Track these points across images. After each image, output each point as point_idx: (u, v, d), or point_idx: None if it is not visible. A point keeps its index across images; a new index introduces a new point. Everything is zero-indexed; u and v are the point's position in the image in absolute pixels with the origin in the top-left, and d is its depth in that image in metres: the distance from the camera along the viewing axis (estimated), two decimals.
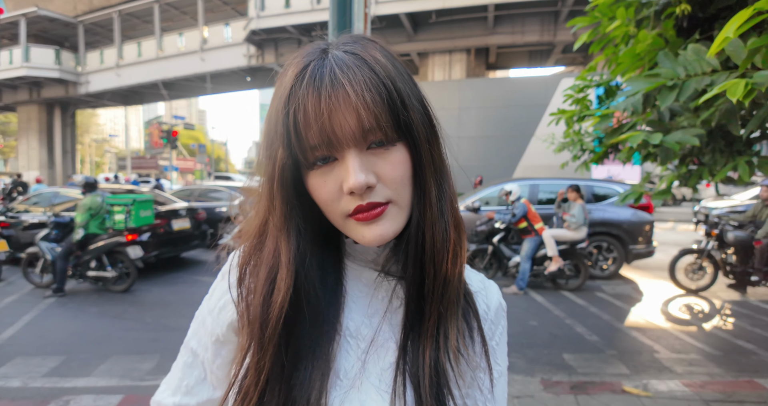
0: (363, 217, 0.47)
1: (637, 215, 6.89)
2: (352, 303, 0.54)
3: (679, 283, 5.88)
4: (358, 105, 0.45)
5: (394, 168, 0.48)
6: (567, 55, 19.87)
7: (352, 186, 0.45)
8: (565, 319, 4.78)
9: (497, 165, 14.28)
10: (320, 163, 0.47)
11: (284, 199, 0.50)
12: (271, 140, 0.49)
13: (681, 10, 1.54)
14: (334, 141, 0.46)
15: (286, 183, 0.49)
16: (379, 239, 0.48)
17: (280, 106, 0.47)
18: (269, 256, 0.51)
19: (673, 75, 1.47)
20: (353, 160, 0.46)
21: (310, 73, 0.46)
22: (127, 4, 22.60)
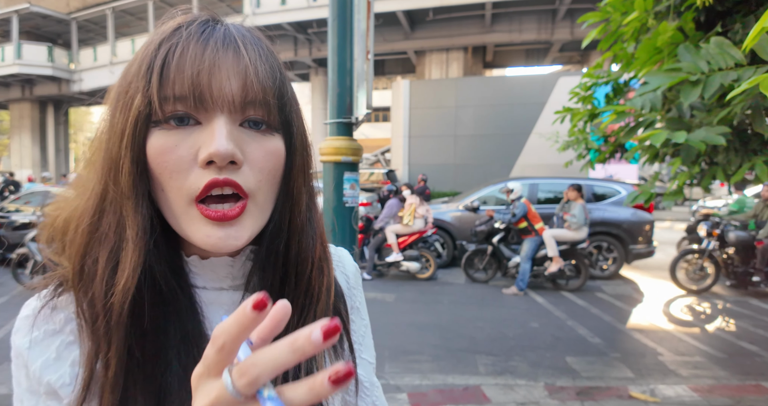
0: (216, 215, 0.39)
1: (637, 214, 6.83)
2: None
3: (680, 283, 5.83)
4: (248, 70, 0.40)
5: (266, 157, 0.42)
6: (564, 54, 19.83)
7: (215, 152, 0.38)
8: (566, 320, 4.71)
9: (495, 164, 14.22)
10: (175, 123, 0.39)
11: (134, 159, 0.39)
12: (128, 86, 0.40)
13: (702, 2, 1.45)
14: (206, 98, 0.39)
15: (139, 137, 0.39)
16: (230, 244, 0.40)
17: (151, 48, 0.40)
18: (110, 234, 0.41)
19: (695, 69, 1.38)
20: (222, 126, 0.39)
21: (200, 25, 0.41)
22: (120, 1, 22.38)
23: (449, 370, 3.49)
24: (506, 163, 14.36)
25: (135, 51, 2.03)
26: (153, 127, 0.40)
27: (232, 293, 0.47)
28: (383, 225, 6.62)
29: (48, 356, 0.41)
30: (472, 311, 5.02)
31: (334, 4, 2.06)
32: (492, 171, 13.37)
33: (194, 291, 0.45)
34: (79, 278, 0.41)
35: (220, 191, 0.40)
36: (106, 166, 0.41)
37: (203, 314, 0.44)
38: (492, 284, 6.24)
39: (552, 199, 7.30)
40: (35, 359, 0.41)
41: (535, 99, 14.27)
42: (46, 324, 0.42)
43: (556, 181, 7.46)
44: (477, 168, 14.11)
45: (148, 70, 0.39)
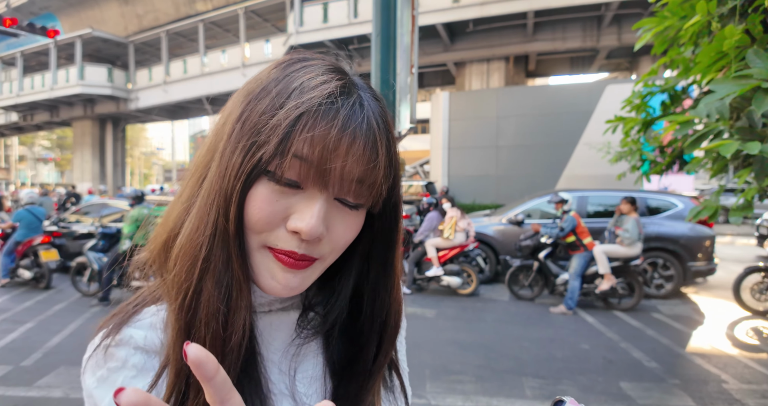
0: (288, 262, 0.43)
1: (695, 229, 6.38)
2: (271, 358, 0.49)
3: (745, 304, 5.38)
4: (378, 164, 0.43)
5: (346, 231, 0.45)
6: (611, 61, 19.16)
7: (306, 230, 0.41)
8: (619, 342, 4.43)
9: (539, 175, 13.80)
10: (279, 178, 0.41)
11: (241, 201, 0.42)
12: (254, 133, 0.41)
13: None
14: (326, 174, 0.41)
15: (250, 183, 0.42)
16: (290, 290, 0.44)
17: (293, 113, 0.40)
18: (218, 266, 0.42)
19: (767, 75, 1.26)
20: (321, 205, 0.42)
21: (345, 105, 0.42)
22: (174, 24, 23.76)
23: (494, 392, 3.35)
24: (551, 174, 13.91)
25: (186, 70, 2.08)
26: (266, 177, 0.42)
27: (281, 313, 0.51)
28: (423, 238, 6.53)
29: None
30: (518, 330, 4.83)
31: (378, 20, 2.05)
32: (536, 183, 12.99)
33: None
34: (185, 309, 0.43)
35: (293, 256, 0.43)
36: (218, 197, 0.42)
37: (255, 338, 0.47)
38: (538, 302, 5.99)
39: (602, 213, 6.96)
40: (103, 397, 0.43)
41: (581, 108, 13.80)
42: (109, 362, 0.44)
43: (607, 193, 7.12)
44: (520, 179, 13.75)
45: (284, 137, 0.40)
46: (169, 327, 0.43)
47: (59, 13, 25.84)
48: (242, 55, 21.55)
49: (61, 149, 47.36)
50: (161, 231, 0.47)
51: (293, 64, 0.45)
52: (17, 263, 6.67)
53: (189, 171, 0.48)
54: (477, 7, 15.11)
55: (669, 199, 6.80)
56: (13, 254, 6.69)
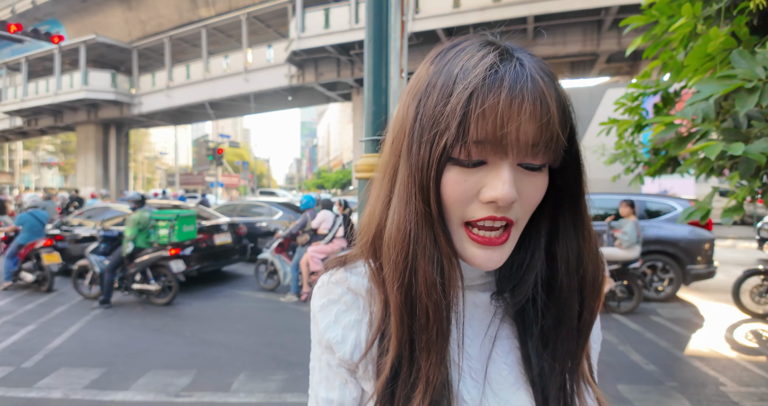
0: (482, 240, 0.46)
1: (695, 232, 6.38)
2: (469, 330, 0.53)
3: (744, 307, 5.37)
4: (551, 119, 0.43)
5: (536, 191, 0.47)
6: (612, 65, 19.20)
7: (500, 196, 0.43)
8: (618, 345, 4.43)
9: None
10: (465, 163, 0.45)
11: (437, 188, 0.46)
12: (433, 125, 0.45)
13: (756, 5, 1.36)
14: (503, 145, 0.43)
15: (440, 171, 0.46)
16: (492, 264, 0.47)
17: (465, 95, 0.43)
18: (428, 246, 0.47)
19: (751, 76, 1.29)
20: (508, 171, 0.44)
21: (507, 69, 0.44)
22: (177, 30, 23.95)
23: None
24: None
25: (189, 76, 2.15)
26: (451, 162, 0.45)
27: (483, 294, 0.54)
28: None
29: (329, 319, 0.54)
30: None
31: (370, 26, 2.09)
32: None
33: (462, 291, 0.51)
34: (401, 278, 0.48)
35: (491, 223, 0.46)
36: (414, 188, 0.47)
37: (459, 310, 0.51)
38: None
39: (602, 216, 6.97)
40: (321, 320, 0.54)
41: (582, 112, 13.73)
42: (329, 294, 0.55)
43: (606, 197, 7.13)
44: None
45: (461, 121, 0.43)
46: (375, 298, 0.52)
47: (64, 19, 26.09)
48: (245, 61, 21.69)
49: (65, 154, 47.60)
50: (368, 227, 0.54)
51: (446, 53, 0.49)
52: (20, 266, 6.72)
53: (379, 175, 0.54)
54: (477, 12, 15.21)
55: (668, 203, 6.80)
56: (16, 257, 6.74)
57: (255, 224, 9.42)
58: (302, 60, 19.67)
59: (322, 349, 0.54)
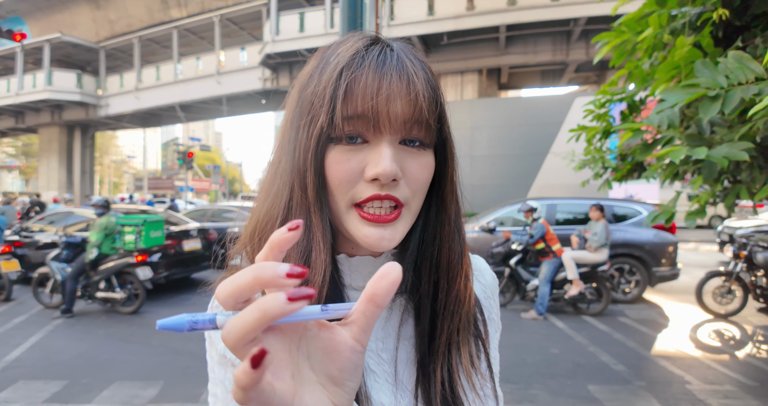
0: (372, 217, 0.45)
1: (659, 235, 6.62)
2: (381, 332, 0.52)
3: (707, 307, 5.59)
4: (417, 94, 0.45)
5: (420, 170, 0.47)
6: (580, 75, 19.81)
7: (381, 172, 0.43)
8: (588, 346, 4.53)
9: (512, 184, 14.08)
10: (346, 141, 0.45)
11: (317, 171, 0.46)
12: (310, 108, 0.46)
13: (719, 16, 1.42)
14: (379, 121, 0.44)
15: (321, 153, 0.46)
16: (385, 243, 0.46)
17: (334, 74, 0.45)
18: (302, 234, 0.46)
19: (714, 84, 1.34)
20: (387, 147, 0.45)
21: (374, 52, 0.46)
22: (147, 30, 23.38)
23: None
24: (523, 183, 14.22)
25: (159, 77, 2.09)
26: (332, 142, 0.46)
27: None
28: None
29: None
30: None
31: (345, 30, 2.10)
32: (509, 192, 13.24)
33: (345, 289, 0.50)
34: None
35: (379, 203, 0.46)
36: (293, 176, 0.47)
37: None
38: (510, 308, 6.08)
39: (571, 221, 7.15)
40: (219, 339, 0.48)
41: (551, 119, 14.20)
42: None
43: (575, 201, 7.31)
44: (494, 189, 13.99)
45: (332, 97, 0.44)
46: None
47: (27, 17, 25.08)
48: (217, 63, 21.34)
49: (27, 157, 45.58)
50: (249, 224, 0.52)
51: (329, 47, 0.50)
52: None
53: (266, 172, 0.53)
54: (451, 21, 15.44)
55: (634, 207, 7.04)
56: None
57: (227, 230, 9.22)
58: (276, 63, 19.50)
59: (226, 368, 0.49)
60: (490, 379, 0.54)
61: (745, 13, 1.59)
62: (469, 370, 0.51)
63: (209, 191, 45.53)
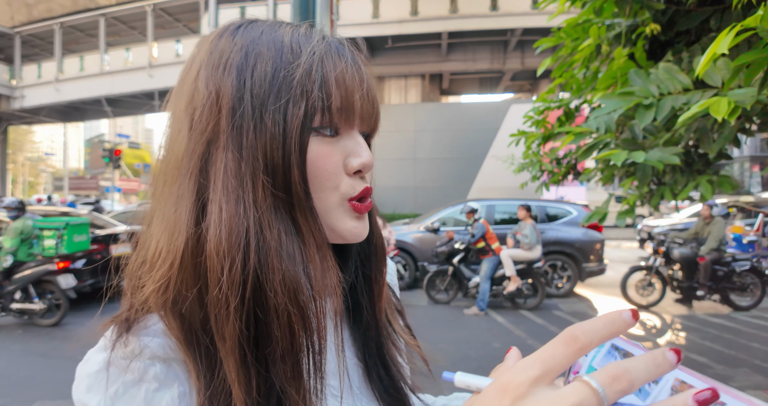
0: (361, 207, 0.44)
1: (588, 234, 7.12)
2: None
3: (631, 299, 6.07)
4: (373, 89, 0.45)
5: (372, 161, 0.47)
6: (515, 83, 20.85)
7: (367, 163, 0.43)
8: (526, 340, 4.76)
9: (453, 186, 14.53)
10: (328, 133, 0.43)
11: (302, 165, 0.41)
12: (281, 90, 0.40)
13: (651, 30, 1.56)
14: (353, 112, 0.43)
15: (304, 144, 0.41)
16: (365, 232, 0.46)
17: (314, 59, 0.41)
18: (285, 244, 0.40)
19: (647, 93, 1.46)
20: (362, 138, 0.45)
21: (335, 41, 0.45)
22: (70, 17, 21.57)
23: None
24: (464, 185, 14.72)
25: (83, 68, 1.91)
26: (313, 134, 0.42)
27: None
28: None
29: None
30: (436, 333, 4.99)
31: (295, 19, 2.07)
32: (451, 193, 13.65)
33: None
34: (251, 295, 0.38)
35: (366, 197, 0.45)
36: (256, 175, 0.39)
37: None
38: (454, 305, 6.25)
39: (508, 220, 7.50)
40: None
41: (489, 125, 14.84)
42: (125, 375, 0.37)
43: (512, 202, 7.68)
44: (436, 190, 14.36)
45: (323, 82, 0.41)
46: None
47: None
48: (149, 55, 20.13)
49: None
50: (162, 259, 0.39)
51: (248, 27, 0.44)
52: None
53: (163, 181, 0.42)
54: (396, 25, 15.66)
55: (565, 208, 7.53)
56: None
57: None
58: None
59: None
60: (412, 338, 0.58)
61: (671, 29, 1.75)
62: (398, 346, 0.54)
63: (138, 192, 42.78)
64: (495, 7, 15.33)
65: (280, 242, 0.39)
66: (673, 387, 0.44)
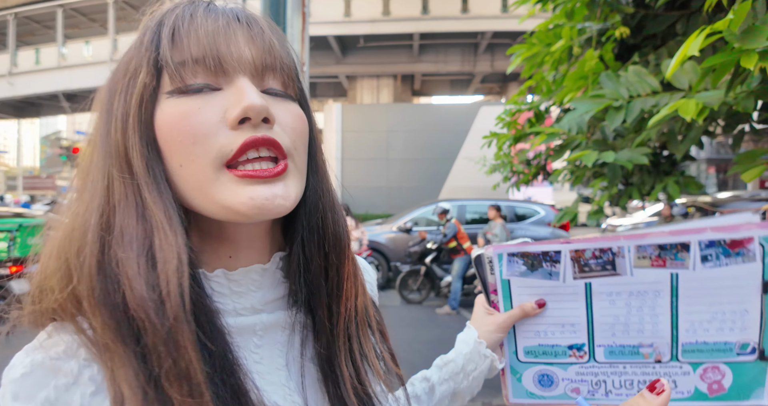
0: (255, 174, 0.36)
1: (555, 233, 7.31)
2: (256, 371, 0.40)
3: None
4: (264, 38, 0.39)
5: (295, 119, 0.40)
6: (485, 85, 21.23)
7: (249, 106, 0.35)
8: None
9: (425, 186, 14.64)
10: (193, 91, 0.36)
11: (143, 137, 0.36)
12: (127, 64, 0.38)
13: (620, 33, 1.59)
14: (227, 60, 0.36)
15: (146, 114, 0.36)
16: (279, 204, 0.36)
17: (151, 25, 0.38)
18: (130, 227, 0.35)
19: (617, 95, 1.49)
20: (249, 84, 0.36)
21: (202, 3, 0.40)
22: (25, 7, 20.51)
23: None
24: (435, 185, 14.85)
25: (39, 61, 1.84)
26: (167, 97, 0.36)
27: (266, 315, 0.43)
28: None
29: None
30: (409, 333, 4.99)
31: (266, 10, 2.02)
32: (423, 193, 13.74)
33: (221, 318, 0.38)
34: (92, 294, 0.34)
35: (256, 153, 0.36)
36: (107, 158, 0.37)
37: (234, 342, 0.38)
38: (426, 305, 6.28)
39: (479, 220, 7.61)
40: None
41: (459, 126, 15.03)
42: (56, 379, 0.33)
43: (483, 202, 7.81)
44: (409, 190, 14.43)
45: (154, 40, 0.37)
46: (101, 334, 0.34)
47: None
48: (112, 49, 19.38)
49: None
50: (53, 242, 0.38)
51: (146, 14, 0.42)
52: None
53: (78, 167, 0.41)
54: (368, 24, 15.65)
55: (533, 207, 7.72)
56: None
57: None
58: None
59: None
60: (395, 366, 0.51)
61: (639, 33, 1.80)
62: (375, 364, 0.47)
63: None
64: (465, 10, 15.56)
65: (123, 230, 0.35)
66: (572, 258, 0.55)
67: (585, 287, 0.56)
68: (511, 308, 0.60)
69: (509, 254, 0.59)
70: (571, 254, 0.55)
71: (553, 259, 0.57)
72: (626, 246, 0.54)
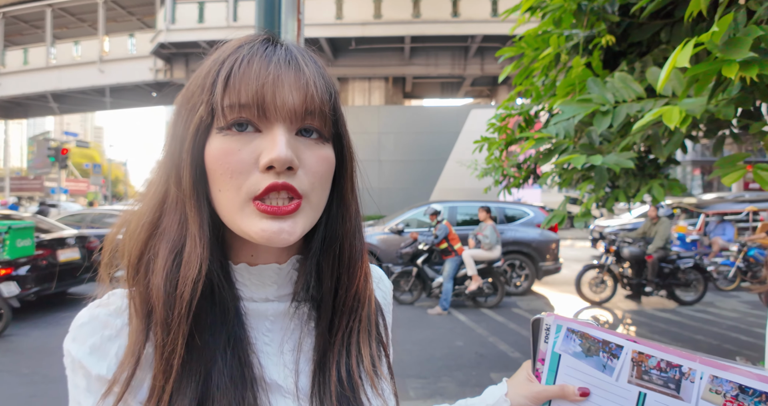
0: (271, 210, 0.42)
1: (544, 234, 7.40)
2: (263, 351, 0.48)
3: (585, 296, 6.35)
4: (309, 84, 0.44)
5: (319, 162, 0.45)
6: (475, 88, 21.36)
7: (276, 158, 0.41)
8: (488, 337, 4.89)
9: (416, 188, 14.70)
10: (236, 129, 0.43)
11: (193, 162, 0.44)
12: (191, 97, 0.45)
13: (606, 41, 1.65)
14: (269, 108, 0.42)
15: (199, 143, 0.44)
16: (283, 238, 0.43)
17: (216, 63, 0.44)
18: (172, 231, 0.44)
19: (604, 101, 1.54)
20: (282, 134, 0.42)
21: (262, 43, 0.45)
22: (13, 7, 20.21)
23: None
24: (426, 187, 14.92)
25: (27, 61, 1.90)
26: (216, 132, 0.43)
27: (278, 304, 0.50)
28: None
29: (109, 361, 0.43)
30: (401, 334, 5.02)
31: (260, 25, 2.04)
32: (414, 195, 13.80)
33: (240, 302, 0.47)
34: (136, 271, 0.44)
35: (276, 195, 0.43)
36: (168, 170, 0.45)
37: (249, 323, 0.47)
38: (418, 305, 6.32)
39: (469, 221, 7.68)
40: (95, 364, 0.43)
41: (450, 128, 15.13)
42: (104, 330, 0.44)
43: (473, 204, 7.88)
44: (400, 192, 14.47)
45: (213, 83, 0.43)
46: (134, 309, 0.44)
47: None
48: (100, 49, 19.18)
49: None
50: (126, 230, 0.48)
51: (218, 48, 0.48)
52: None
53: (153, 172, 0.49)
54: (359, 26, 15.68)
55: (522, 209, 7.80)
56: None
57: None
58: (171, 54, 18.09)
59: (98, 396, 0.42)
60: (392, 381, 0.54)
61: (624, 41, 1.86)
62: (370, 372, 0.50)
63: (87, 193, 40.59)
64: (456, 14, 15.67)
65: (166, 230, 0.45)
66: (633, 359, 0.52)
67: (638, 397, 0.51)
68: (553, 384, 0.58)
69: (569, 329, 0.55)
70: (634, 354, 0.50)
71: (612, 352, 0.53)
72: (700, 371, 0.48)
